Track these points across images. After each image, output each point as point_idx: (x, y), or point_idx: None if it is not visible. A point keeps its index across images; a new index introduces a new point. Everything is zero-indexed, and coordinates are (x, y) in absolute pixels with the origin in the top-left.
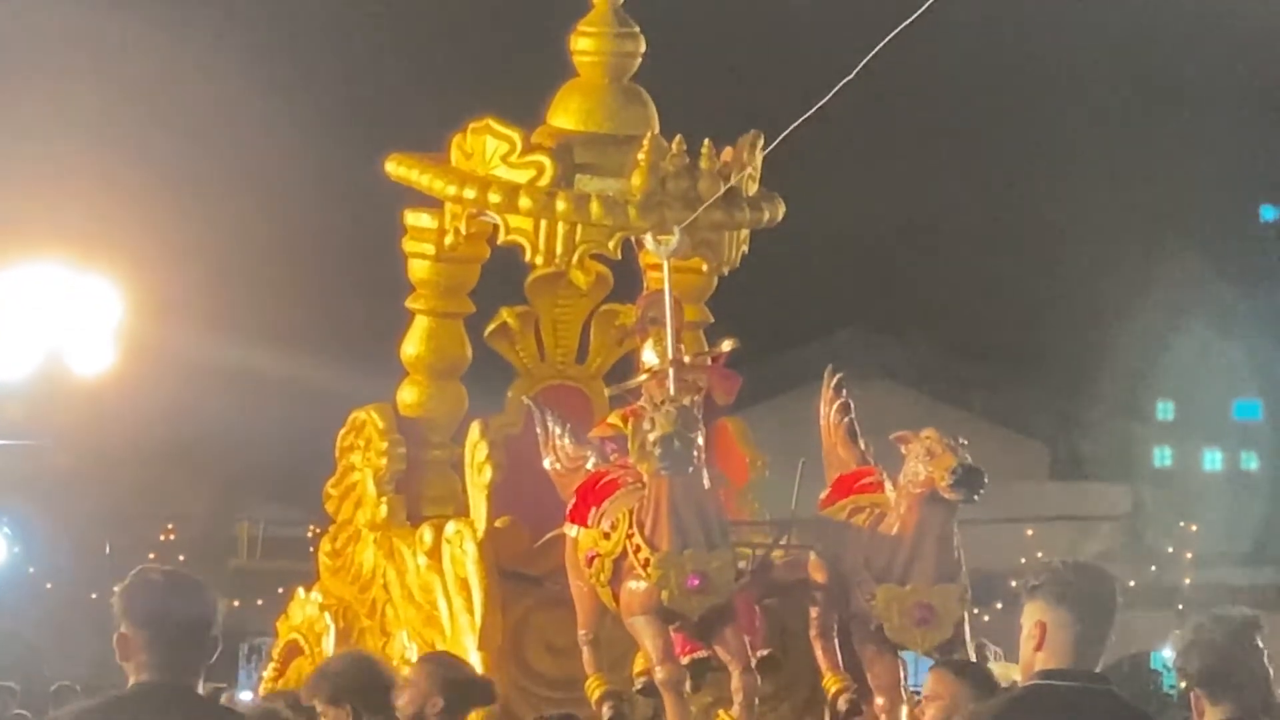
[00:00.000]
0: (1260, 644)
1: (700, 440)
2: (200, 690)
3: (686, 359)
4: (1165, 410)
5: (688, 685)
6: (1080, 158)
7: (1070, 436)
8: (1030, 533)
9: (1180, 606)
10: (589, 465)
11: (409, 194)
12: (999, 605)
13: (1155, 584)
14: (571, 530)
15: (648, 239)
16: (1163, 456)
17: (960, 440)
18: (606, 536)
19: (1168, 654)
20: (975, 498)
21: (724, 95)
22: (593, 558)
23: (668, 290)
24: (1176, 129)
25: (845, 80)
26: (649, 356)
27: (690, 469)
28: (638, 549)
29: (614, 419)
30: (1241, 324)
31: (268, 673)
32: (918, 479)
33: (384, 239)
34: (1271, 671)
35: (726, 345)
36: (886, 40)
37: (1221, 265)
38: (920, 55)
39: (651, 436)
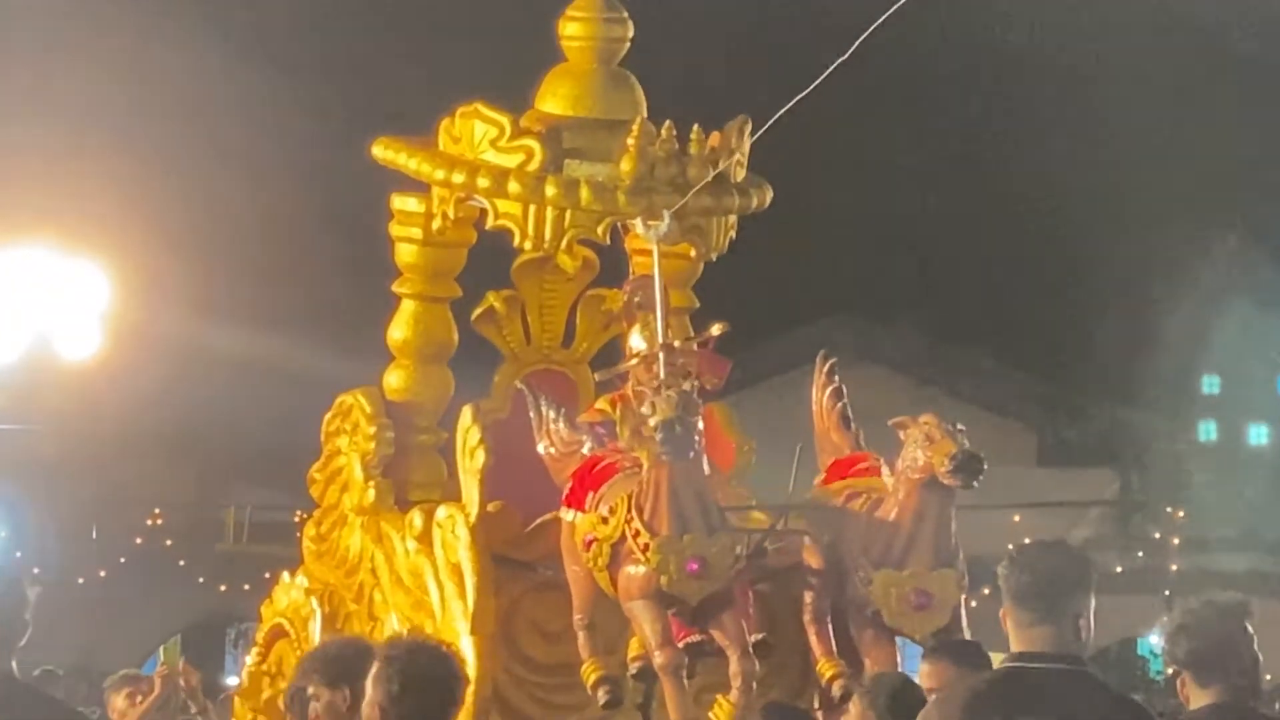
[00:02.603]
0: (1249, 629)
1: (700, 425)
2: (15, 671)
3: (676, 344)
4: (1211, 384)
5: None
6: (1098, 140)
7: (1057, 422)
8: (1017, 518)
9: (1167, 592)
10: (585, 450)
11: (396, 178)
12: (986, 591)
13: (1142, 570)
14: (568, 515)
15: (637, 223)
16: (1208, 430)
17: (959, 426)
18: (605, 521)
19: (1155, 640)
20: (975, 484)
21: (712, 80)
22: (590, 542)
23: (657, 275)
24: (1214, 108)
25: (832, 67)
26: (636, 341)
27: (691, 454)
28: (637, 534)
29: (603, 404)
30: None
31: (251, 657)
32: (916, 464)
33: (371, 223)
34: (1261, 657)
35: (716, 329)
36: (873, 28)
37: (1263, 242)
38: (910, 38)
39: (652, 421)
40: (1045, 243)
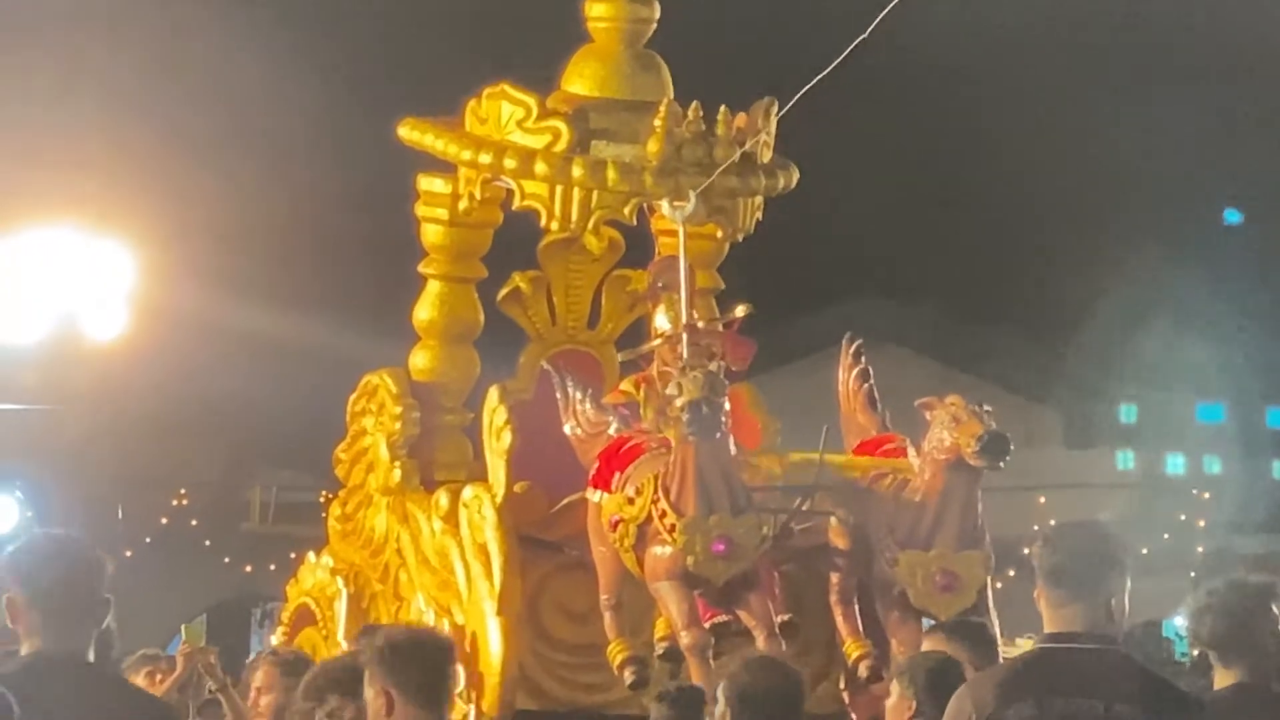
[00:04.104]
0: (1274, 609)
1: (727, 406)
2: (90, 657)
3: (700, 325)
4: (1129, 414)
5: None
6: (1122, 122)
7: (1083, 404)
8: (1043, 500)
9: (1192, 574)
10: (611, 430)
11: (422, 158)
12: (1011, 572)
13: (1167, 552)
14: (595, 495)
15: (664, 204)
16: (1125, 460)
17: (985, 407)
18: (631, 502)
19: (1180, 622)
20: (1001, 465)
21: (738, 61)
22: (617, 523)
23: (683, 256)
24: (1143, 128)
25: (852, 45)
26: (661, 321)
27: (718, 434)
28: (663, 514)
29: (626, 385)
30: (1204, 327)
31: (277, 637)
32: (943, 445)
33: (397, 203)
34: None
35: (740, 311)
36: (891, 6)
37: (1186, 269)
38: (936, 19)
39: (678, 402)
40: (1072, 224)
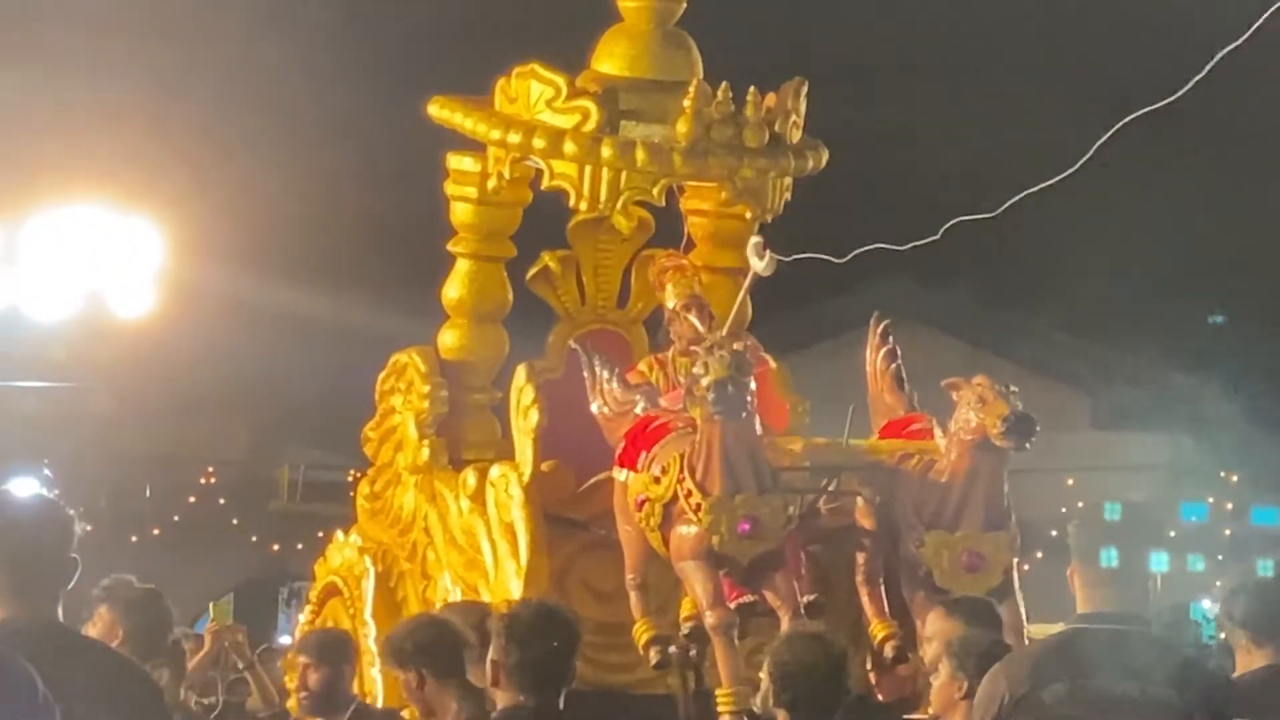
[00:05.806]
0: None
1: (753, 385)
2: (60, 617)
3: (738, 346)
4: (1113, 511)
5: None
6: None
7: (1112, 386)
8: (1071, 482)
9: (1220, 557)
10: (638, 410)
11: (452, 137)
12: (1039, 554)
13: (1195, 534)
14: (621, 475)
15: (750, 254)
16: (1109, 558)
17: (1011, 388)
18: (657, 481)
19: (1207, 605)
20: (1027, 445)
21: (768, 40)
22: (643, 502)
23: (739, 302)
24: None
25: (1217, 58)
26: (671, 299)
27: (743, 414)
28: (689, 494)
29: (642, 366)
30: (1194, 426)
31: (304, 615)
32: (969, 426)
33: (426, 182)
34: None
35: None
36: (1270, 12)
37: (1175, 369)
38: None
39: (704, 381)
40: (1098, 205)
